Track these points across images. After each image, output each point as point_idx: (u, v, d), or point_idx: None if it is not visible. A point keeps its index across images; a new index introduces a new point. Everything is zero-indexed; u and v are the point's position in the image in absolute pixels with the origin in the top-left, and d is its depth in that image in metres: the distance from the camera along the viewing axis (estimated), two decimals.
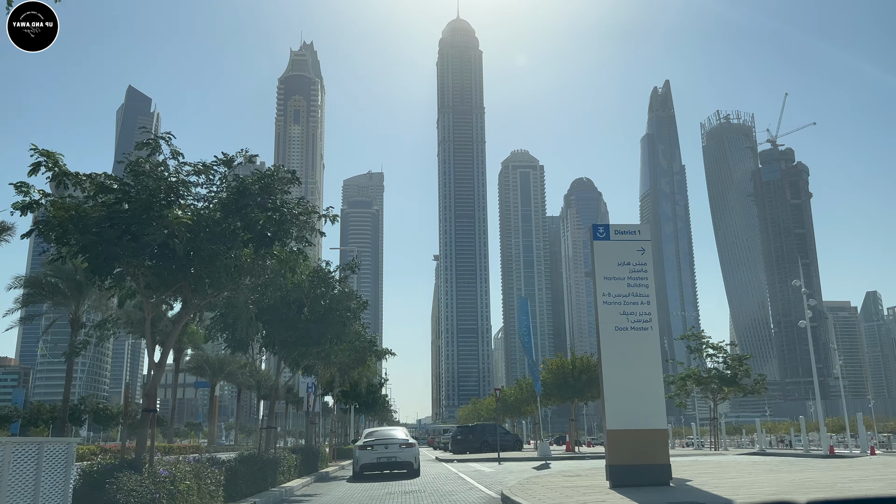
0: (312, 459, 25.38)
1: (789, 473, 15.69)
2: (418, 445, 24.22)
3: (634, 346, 13.54)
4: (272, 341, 21.13)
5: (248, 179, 12.04)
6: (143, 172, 11.45)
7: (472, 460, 33.54)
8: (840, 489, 11.76)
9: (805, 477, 14.53)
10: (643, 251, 13.99)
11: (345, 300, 21.24)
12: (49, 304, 39.79)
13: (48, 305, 40.08)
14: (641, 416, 13.19)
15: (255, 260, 12.26)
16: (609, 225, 13.93)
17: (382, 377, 59.37)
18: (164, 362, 11.71)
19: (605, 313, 13.68)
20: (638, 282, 13.81)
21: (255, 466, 16.20)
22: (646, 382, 13.39)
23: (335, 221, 12.91)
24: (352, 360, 30.92)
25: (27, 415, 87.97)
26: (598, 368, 13.68)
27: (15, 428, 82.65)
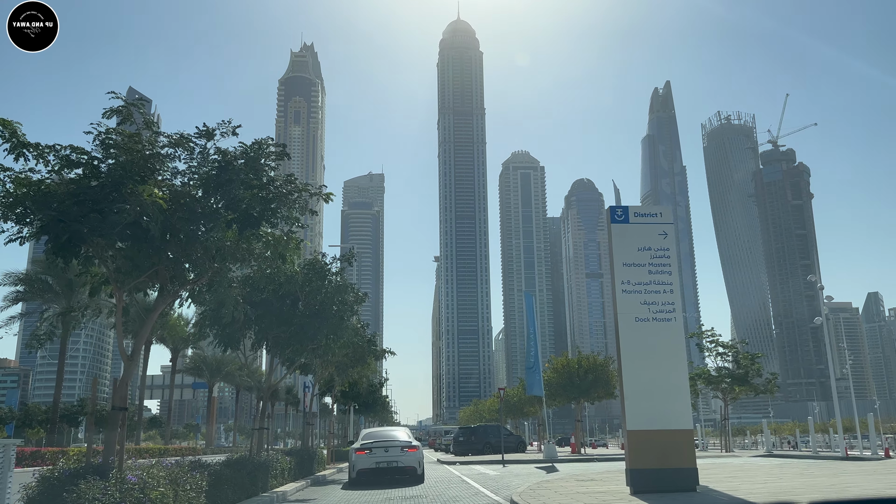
0: (308, 462, 24.21)
1: (823, 477, 14.50)
2: (422, 448, 21.82)
3: (657, 339, 12.36)
4: (264, 337, 19.99)
5: (232, 153, 10.88)
6: (114, 145, 10.30)
7: (474, 462, 32.37)
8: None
9: (842, 481, 13.35)
10: (665, 235, 12.82)
11: (341, 293, 20.06)
12: (40, 302, 38.66)
13: (38, 303, 38.93)
14: (665, 416, 12.02)
15: (240, 243, 11.10)
16: (628, 207, 12.75)
17: (382, 377, 58.24)
18: (137, 356, 10.55)
19: (625, 303, 12.50)
20: (660, 268, 12.65)
21: (245, 470, 15.03)
22: (669, 378, 12.22)
23: (329, 200, 11.72)
24: (350, 359, 29.76)
25: (22, 416, 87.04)
26: (616, 363, 12.49)
27: (10, 429, 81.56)
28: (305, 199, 11.38)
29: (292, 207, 11.21)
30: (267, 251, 11.22)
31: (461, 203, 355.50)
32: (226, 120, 11.16)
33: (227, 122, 11.16)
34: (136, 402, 65.97)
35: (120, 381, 10.12)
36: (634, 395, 12.15)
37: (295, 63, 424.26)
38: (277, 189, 10.96)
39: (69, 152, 10.21)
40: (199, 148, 11.04)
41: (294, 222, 11.37)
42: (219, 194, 10.80)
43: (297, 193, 11.20)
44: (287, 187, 10.96)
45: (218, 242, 10.98)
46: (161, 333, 46.57)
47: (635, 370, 12.25)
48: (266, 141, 10.97)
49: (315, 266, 20.37)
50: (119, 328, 10.56)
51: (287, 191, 11.08)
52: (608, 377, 38.80)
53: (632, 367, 12.27)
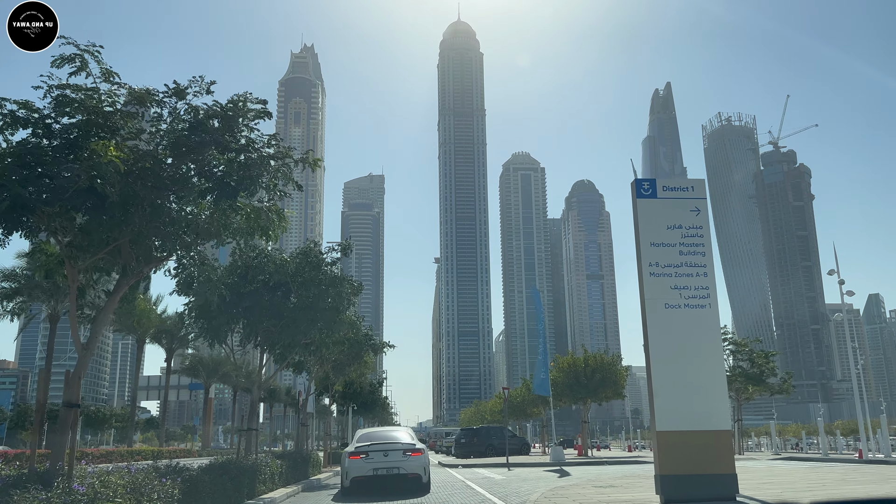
0: (302, 465, 22.74)
1: (873, 484, 13.06)
2: (428, 451, 18.32)
3: (689, 328, 10.95)
4: (254, 331, 18.58)
5: (206, 111, 9.47)
6: (69, 102, 8.89)
7: (478, 466, 30.94)
8: None
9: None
10: (698, 212, 11.41)
11: (337, 285, 18.60)
12: (25, 300, 37.15)
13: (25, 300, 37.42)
14: (699, 415, 10.60)
15: (215, 215, 9.68)
16: (655, 180, 11.35)
17: (381, 375, 56.79)
18: (94, 344, 9.14)
19: (653, 288, 11.08)
20: (693, 248, 11.24)
21: (228, 475, 13.60)
22: (704, 372, 10.81)
23: (317, 167, 10.28)
24: (347, 356, 28.35)
25: (16, 417, 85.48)
26: (644, 354, 11.07)
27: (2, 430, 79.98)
28: (290, 165, 9.95)
29: (275, 175, 9.80)
30: (247, 227, 9.79)
31: (461, 204, 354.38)
32: (198, 76, 9.74)
33: (200, 78, 9.73)
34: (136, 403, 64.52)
35: (72, 375, 8.70)
36: (664, 392, 10.74)
37: (295, 64, 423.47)
38: (258, 152, 9.54)
39: (16, 108, 8.81)
40: (168, 108, 9.63)
41: (277, 192, 9.95)
42: (190, 160, 9.39)
43: (280, 159, 9.78)
44: (269, 149, 9.53)
45: (189, 216, 9.58)
46: (128, 322, 43.64)
47: (665, 363, 10.84)
48: (245, 96, 9.53)
49: (309, 255, 18.97)
50: (73, 312, 9.14)
51: (270, 154, 9.66)
52: (616, 377, 37.38)
53: (661, 360, 10.85)
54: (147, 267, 9.48)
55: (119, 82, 8.92)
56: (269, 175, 9.79)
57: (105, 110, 8.83)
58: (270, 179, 9.76)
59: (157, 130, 9.57)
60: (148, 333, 50.68)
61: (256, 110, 9.62)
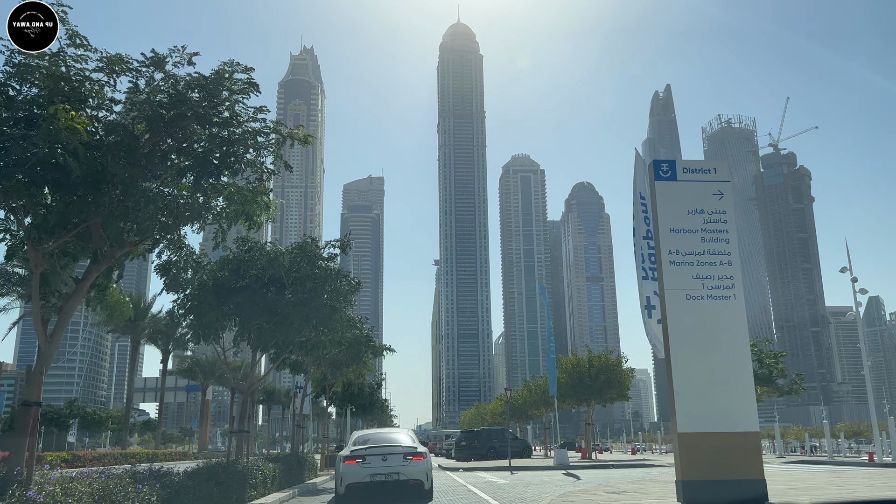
0: (298, 468, 21.88)
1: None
2: (430, 455, 16.46)
3: (713, 320, 10.09)
4: (246, 328, 17.71)
5: (186, 81, 8.60)
6: (31, 69, 8.03)
7: (479, 469, 30.05)
8: None
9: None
10: (721, 195, 10.56)
11: (332, 281, 17.70)
12: (15, 297, 36.21)
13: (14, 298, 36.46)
14: (725, 415, 9.74)
15: (196, 196, 8.82)
16: (675, 161, 10.49)
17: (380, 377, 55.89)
18: (58, 336, 8.29)
19: (673, 277, 10.22)
20: (716, 235, 10.39)
21: (215, 480, 12.74)
22: (730, 369, 9.95)
23: (308, 143, 9.40)
24: (345, 356, 27.47)
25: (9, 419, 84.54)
26: (664, 351, 10.20)
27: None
28: (278, 141, 9.09)
29: (262, 151, 8.94)
30: (229, 205, 8.93)
31: (461, 206, 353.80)
32: (179, 46, 8.87)
33: (182, 47, 8.87)
34: (130, 405, 63.61)
35: (34, 370, 7.83)
36: (686, 390, 9.87)
37: (294, 66, 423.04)
38: (242, 127, 8.68)
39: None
40: (145, 79, 8.77)
41: (264, 172, 9.09)
42: (168, 134, 8.52)
43: (268, 134, 8.92)
44: (255, 123, 8.67)
45: (167, 197, 8.72)
46: (101, 314, 41.62)
47: (687, 359, 9.97)
48: (230, 65, 8.66)
49: (304, 250, 18.09)
50: (35, 301, 8.26)
51: (256, 129, 8.80)
52: (621, 378, 36.50)
53: (683, 356, 9.99)
54: (119, 252, 8.62)
55: (87, 44, 8.05)
56: (256, 152, 8.93)
57: (71, 78, 7.97)
58: (257, 157, 8.90)
59: (133, 102, 8.69)
60: (142, 334, 49.84)
61: (242, 81, 8.74)
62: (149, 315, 50.95)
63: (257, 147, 8.99)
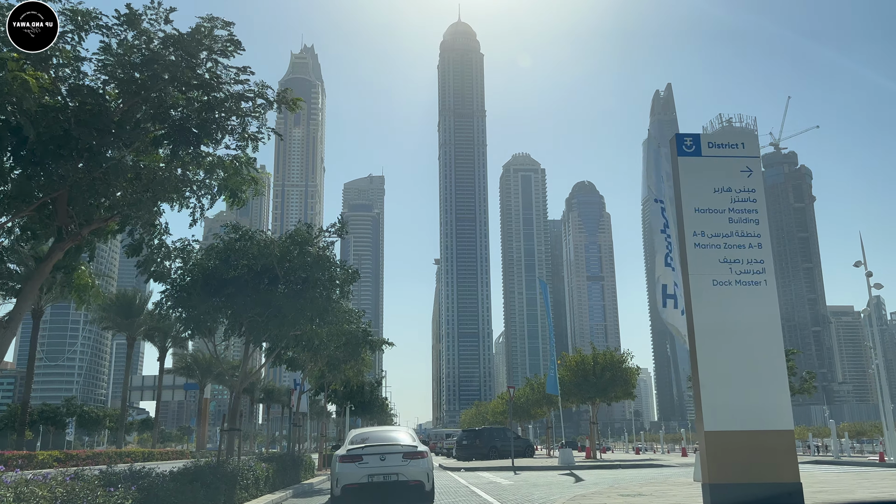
0: (293, 468, 20.99)
1: None
2: (431, 454, 15.33)
3: (742, 308, 9.22)
4: (238, 321, 16.83)
5: (161, 38, 7.74)
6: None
7: (481, 469, 29.20)
8: None
9: None
10: (750, 172, 9.68)
11: (328, 268, 16.77)
12: None
13: None
14: (757, 412, 8.87)
15: (173, 167, 7.96)
16: (699, 135, 9.62)
17: (379, 374, 55.08)
18: (16, 321, 7.42)
19: (698, 261, 9.34)
20: (745, 215, 9.52)
21: (202, 481, 11.88)
22: (762, 361, 9.09)
23: (296, 109, 8.51)
24: (344, 353, 26.58)
25: (7, 418, 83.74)
26: (689, 342, 9.33)
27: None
28: (264, 110, 8.21)
29: (246, 119, 8.07)
30: (210, 177, 8.05)
31: (462, 205, 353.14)
32: (155, 1, 7.99)
33: (158, 3, 7.99)
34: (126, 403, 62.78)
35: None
36: (713, 385, 9.00)
37: (295, 65, 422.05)
38: (223, 90, 7.81)
39: None
40: (116, 39, 7.89)
41: (248, 141, 8.22)
42: (142, 98, 7.66)
43: (252, 98, 8.05)
44: (237, 85, 7.79)
45: (141, 169, 7.84)
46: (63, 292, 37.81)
47: (714, 350, 9.10)
48: (209, 20, 7.77)
49: (297, 237, 17.19)
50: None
51: (239, 92, 7.93)
52: (627, 376, 35.61)
53: (709, 347, 9.11)
54: (87, 229, 7.74)
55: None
56: (240, 119, 8.05)
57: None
58: (241, 123, 8.02)
59: (104, 64, 7.82)
60: (138, 331, 48.99)
61: (223, 39, 7.87)
62: (145, 311, 50.08)
63: (241, 114, 8.10)
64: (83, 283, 13.63)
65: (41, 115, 6.54)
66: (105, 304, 49.83)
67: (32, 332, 36.14)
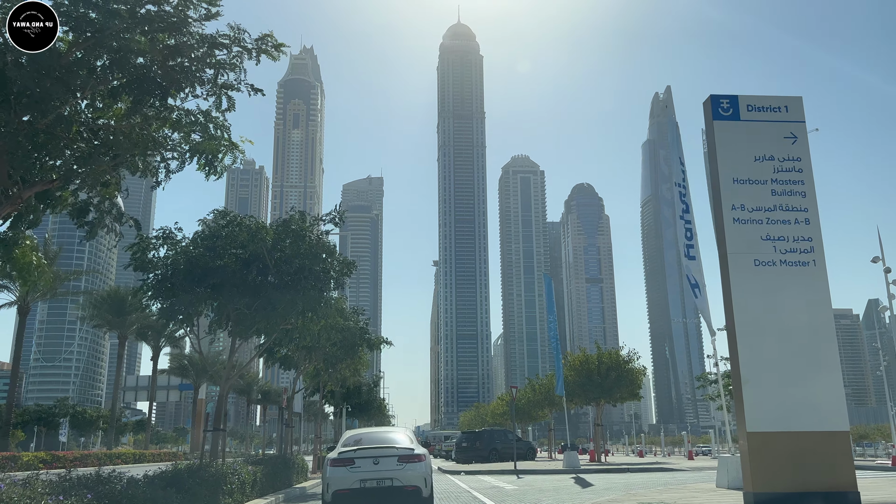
0: (284, 471, 19.79)
1: None
2: (430, 457, 14.12)
3: (789, 293, 8.11)
4: (224, 313, 15.67)
5: None
6: None
7: (482, 472, 28.05)
8: None
9: None
10: (795, 139, 8.57)
11: (318, 261, 15.61)
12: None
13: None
14: (807, 410, 7.75)
15: (133, 121, 6.81)
16: (737, 97, 8.49)
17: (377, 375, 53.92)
18: None
19: (737, 237, 8.22)
20: (790, 187, 8.42)
21: (178, 486, 10.75)
22: (812, 352, 7.96)
23: (279, 55, 7.35)
24: (340, 350, 25.42)
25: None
26: (727, 331, 8.19)
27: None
28: (241, 54, 7.07)
29: (221, 69, 6.93)
30: (181, 138, 6.91)
31: (460, 207, 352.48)
32: None
33: None
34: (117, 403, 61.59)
35: None
36: (757, 380, 7.87)
37: (294, 65, 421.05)
38: (193, 33, 6.67)
39: None
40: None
41: (223, 94, 7.08)
42: (96, 42, 6.51)
43: (227, 45, 6.91)
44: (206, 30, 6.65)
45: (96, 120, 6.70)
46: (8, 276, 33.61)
47: (756, 340, 7.98)
48: None
49: (290, 225, 16.07)
50: None
51: (211, 38, 6.79)
52: (633, 376, 34.47)
53: (751, 336, 7.99)
54: (28, 192, 6.61)
55: None
56: (213, 69, 6.92)
57: None
58: (217, 72, 6.89)
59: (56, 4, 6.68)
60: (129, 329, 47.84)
61: None
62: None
63: (215, 65, 6.97)
64: (27, 261, 12.47)
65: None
66: (96, 302, 48.72)
67: (18, 329, 35.08)
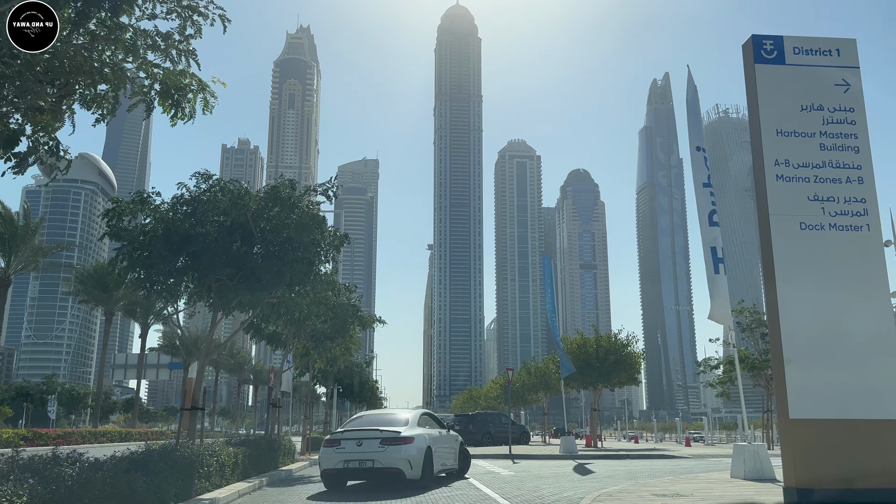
0: (269, 453, 18.80)
1: None
2: (424, 439, 13.89)
3: (839, 260, 7.10)
4: (204, 284, 14.62)
5: None
6: None
7: (476, 456, 27.11)
8: None
9: None
10: (847, 87, 7.57)
11: (309, 231, 14.56)
12: None
13: None
14: (861, 396, 6.77)
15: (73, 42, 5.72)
16: (782, 38, 7.44)
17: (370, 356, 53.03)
18: None
19: (781, 197, 7.21)
20: (841, 141, 7.43)
21: (149, 469, 9.76)
22: (866, 328, 6.97)
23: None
24: (330, 328, 24.45)
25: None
26: (766, 303, 7.19)
27: None
28: None
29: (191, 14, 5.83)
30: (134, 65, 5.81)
31: (456, 191, 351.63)
32: None
33: None
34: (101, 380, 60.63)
35: None
36: (803, 359, 6.88)
37: (290, 45, 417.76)
38: None
39: None
40: None
41: (189, 17, 5.98)
42: None
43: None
44: None
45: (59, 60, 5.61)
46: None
47: (803, 313, 6.98)
48: None
49: (278, 193, 14.98)
50: None
51: None
52: (632, 360, 33.67)
53: (795, 310, 6.99)
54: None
55: None
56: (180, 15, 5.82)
57: None
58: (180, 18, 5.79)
59: None
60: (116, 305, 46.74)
61: None
62: (124, 285, 47.85)
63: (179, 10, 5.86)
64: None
65: None
66: (83, 277, 47.60)
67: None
